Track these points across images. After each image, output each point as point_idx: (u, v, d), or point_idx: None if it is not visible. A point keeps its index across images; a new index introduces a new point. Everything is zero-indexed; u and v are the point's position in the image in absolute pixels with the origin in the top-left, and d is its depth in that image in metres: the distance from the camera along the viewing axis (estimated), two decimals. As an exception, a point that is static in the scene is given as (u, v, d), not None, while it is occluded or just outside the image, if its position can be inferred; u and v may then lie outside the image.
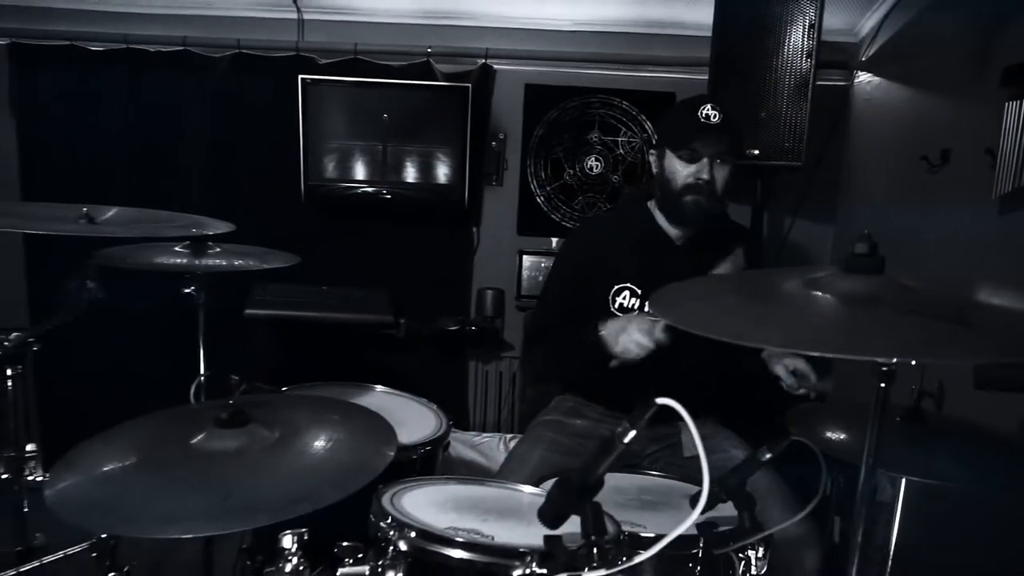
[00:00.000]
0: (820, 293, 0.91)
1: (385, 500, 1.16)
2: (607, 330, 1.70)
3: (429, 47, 3.00)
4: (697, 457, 1.86)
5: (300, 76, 2.85)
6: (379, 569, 1.03)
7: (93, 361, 2.91)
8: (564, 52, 3.07)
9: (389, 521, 1.06)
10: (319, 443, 1.35)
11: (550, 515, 0.96)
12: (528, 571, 0.95)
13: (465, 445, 2.92)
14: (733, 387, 1.97)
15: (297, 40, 3.03)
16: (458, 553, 1.00)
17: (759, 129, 2.62)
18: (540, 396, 2.53)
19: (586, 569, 0.93)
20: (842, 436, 1.41)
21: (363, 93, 2.90)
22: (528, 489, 1.34)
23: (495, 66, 3.07)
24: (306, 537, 1.09)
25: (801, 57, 2.59)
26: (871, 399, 0.89)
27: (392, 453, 1.32)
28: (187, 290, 1.91)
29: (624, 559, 1.03)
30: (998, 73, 1.92)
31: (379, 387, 2.12)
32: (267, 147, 3.06)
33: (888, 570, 1.42)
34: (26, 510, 1.68)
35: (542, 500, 0.97)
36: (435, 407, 2.01)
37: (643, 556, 0.94)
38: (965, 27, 2.25)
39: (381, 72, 2.99)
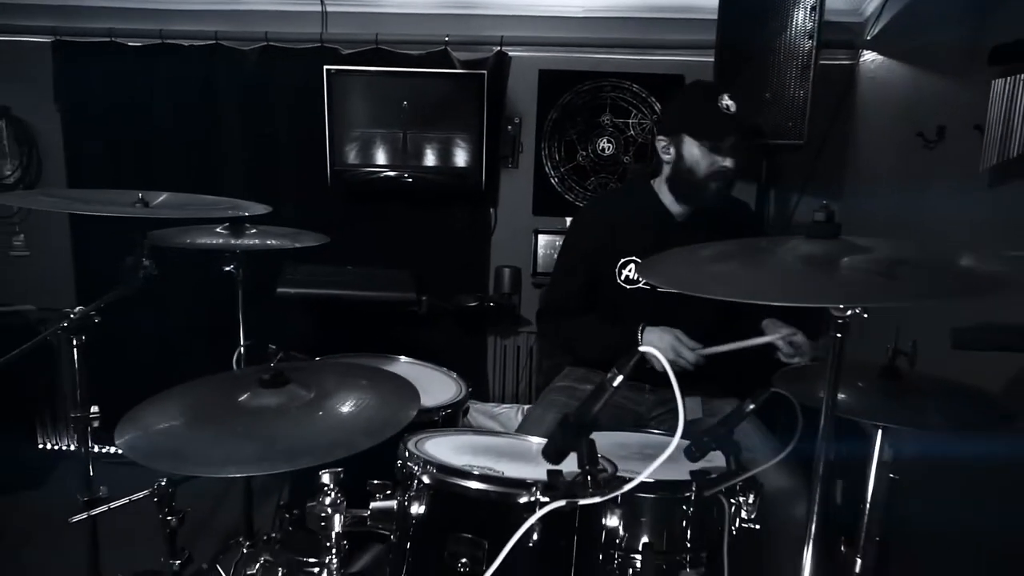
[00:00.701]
0: (786, 256, 1.04)
1: (410, 444, 1.32)
2: (649, 338, 1.86)
3: (447, 36, 3.13)
4: (699, 420, 2.01)
5: (325, 67, 2.99)
6: (406, 501, 1.20)
7: (143, 333, 3.12)
8: (576, 38, 3.18)
9: (414, 460, 1.22)
10: (350, 402, 1.52)
11: (552, 452, 1.12)
12: (533, 499, 1.11)
13: (484, 415, 3.09)
14: (734, 358, 2.10)
15: (321, 31, 3.18)
16: (474, 484, 1.15)
17: (764, 110, 2.72)
18: (554, 368, 2.69)
19: (582, 496, 1.08)
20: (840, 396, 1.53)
21: (384, 82, 3.04)
22: (536, 439, 1.49)
23: (510, 53, 3.19)
24: (342, 475, 1.25)
25: (804, 38, 2.68)
26: (830, 348, 1.03)
27: (415, 410, 1.49)
28: (227, 268, 2.09)
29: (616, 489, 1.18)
30: (987, 52, 2.01)
31: (403, 358, 2.28)
32: (295, 135, 3.22)
33: (866, 517, 1.55)
34: (91, 465, 1.88)
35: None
36: (455, 375, 2.16)
37: (630, 486, 1.09)
38: (960, 6, 2.33)
39: (401, 61, 3.13)
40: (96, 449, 1.89)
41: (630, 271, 2.01)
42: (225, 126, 3.25)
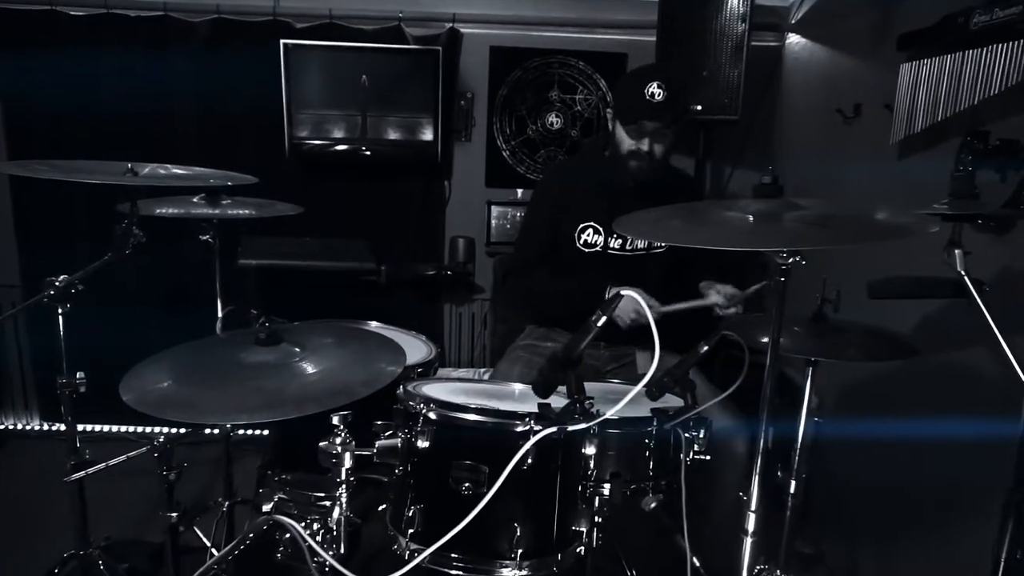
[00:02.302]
0: (736, 212, 1.24)
1: (410, 387, 1.47)
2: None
3: (400, 12, 3.21)
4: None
5: (282, 41, 3.03)
6: (412, 437, 1.35)
7: (123, 301, 3.10)
8: (525, 16, 3.31)
9: (416, 399, 1.37)
10: (343, 356, 1.66)
11: (541, 385, 1.29)
12: (527, 427, 1.27)
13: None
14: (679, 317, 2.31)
15: (274, 5, 3.20)
16: (473, 417, 1.31)
17: (702, 86, 2.93)
18: (508, 333, 2.85)
19: (571, 422, 1.26)
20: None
21: (341, 57, 3.11)
22: (518, 385, 1.66)
23: (462, 30, 3.28)
24: (350, 418, 1.38)
25: (737, 21, 2.90)
26: (775, 290, 1.23)
27: (404, 363, 1.63)
28: (204, 237, 2.16)
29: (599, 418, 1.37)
30: (895, 39, 2.27)
31: (374, 322, 2.40)
32: (251, 109, 3.24)
33: (800, 441, 1.79)
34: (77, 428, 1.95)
35: (530, 392, 1.28)
36: (423, 338, 2.29)
37: (615, 408, 1.27)
38: (873, -4, 2.59)
39: (355, 36, 3.20)
40: (62, 428, 1.94)
41: (588, 236, 2.19)
42: (178, 100, 3.25)
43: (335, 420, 1.37)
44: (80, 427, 1.99)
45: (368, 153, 3.19)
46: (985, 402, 1.91)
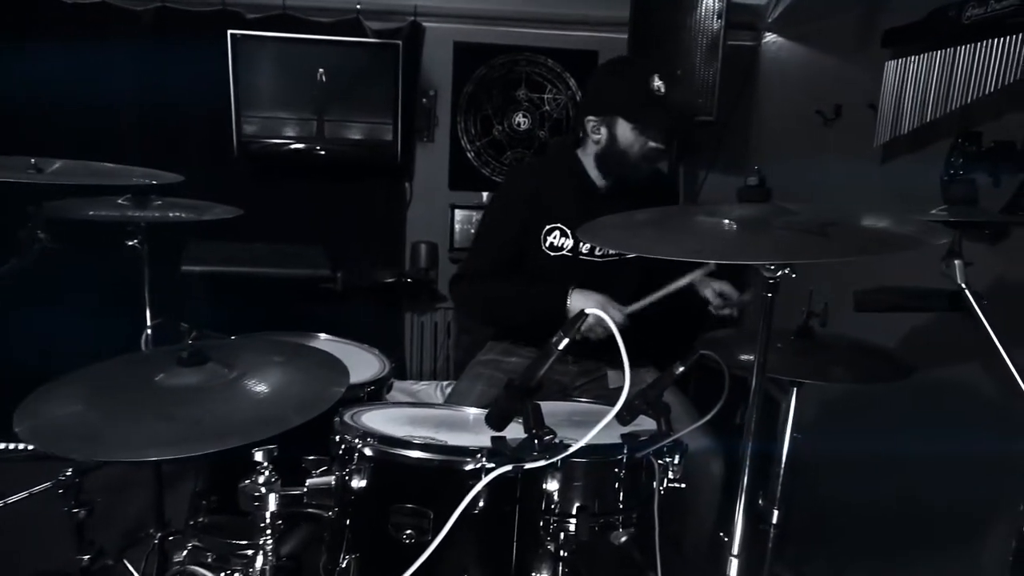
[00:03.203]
0: (718, 218, 1.08)
1: (347, 418, 1.29)
2: (576, 302, 1.82)
3: (358, 4, 3.03)
4: (622, 387, 2.07)
5: (230, 31, 2.84)
6: (345, 475, 1.17)
7: (38, 312, 2.87)
8: (491, 10, 3.16)
9: (353, 432, 1.19)
10: (277, 378, 1.47)
11: (496, 417, 1.12)
12: (478, 465, 1.10)
13: (404, 393, 3.05)
14: (658, 326, 2.16)
15: (223, -6, 3.01)
16: (416, 454, 1.14)
17: (676, 86, 2.78)
18: (474, 344, 2.68)
19: (529, 459, 1.09)
20: (751, 357, 1.60)
21: (294, 49, 2.93)
22: (472, 410, 1.49)
23: (424, 24, 3.13)
24: (275, 453, 1.20)
25: (712, 18, 2.77)
26: (762, 308, 1.08)
27: (346, 384, 1.45)
28: (131, 243, 1.95)
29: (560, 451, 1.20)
30: (880, 35, 2.15)
31: (323, 335, 2.21)
32: (198, 104, 3.03)
33: (782, 471, 1.65)
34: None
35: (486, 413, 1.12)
36: (377, 351, 2.11)
37: (578, 445, 1.10)
38: (855, -8, 2.48)
39: (310, 29, 3.01)
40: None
41: (555, 238, 2.02)
42: (119, 93, 3.02)
43: (258, 456, 1.18)
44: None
45: (323, 153, 3.01)
46: (980, 421, 1.79)
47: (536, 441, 1.08)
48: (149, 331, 2.01)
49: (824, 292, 1.59)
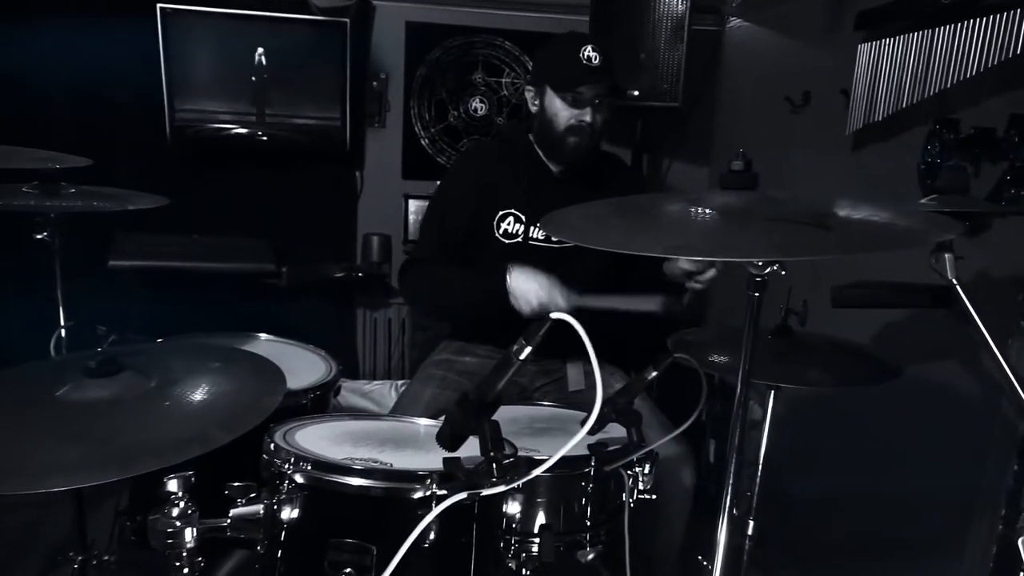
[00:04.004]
0: (699, 208, 0.95)
1: (278, 437, 1.13)
2: (516, 281, 1.69)
3: (302, -22, 2.83)
4: (582, 391, 1.93)
5: (159, 4, 2.61)
6: (274, 506, 1.01)
7: None
8: (445, -11, 3.00)
9: (282, 455, 1.04)
10: (202, 388, 1.30)
11: (449, 436, 0.97)
12: (428, 492, 0.96)
13: (355, 393, 2.90)
14: (620, 323, 2.05)
15: (150, -36, 2.77)
16: (356, 481, 0.99)
17: (639, 71, 2.68)
18: (429, 341, 2.54)
19: (486, 486, 0.95)
20: (724, 358, 1.50)
21: (232, 26, 2.72)
22: (424, 421, 1.34)
23: (374, 2, 2.95)
24: (193, 480, 1.04)
25: (677, 0, 2.66)
26: (746, 309, 0.95)
27: (282, 394, 1.29)
28: (39, 236, 1.74)
29: (521, 475, 1.06)
30: (853, 18, 2.06)
31: (263, 335, 2.05)
32: (126, 84, 2.79)
33: (759, 476, 1.55)
34: None
35: (435, 428, 0.98)
36: (323, 353, 1.97)
37: (541, 469, 0.97)
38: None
39: (248, 4, 2.80)
40: None
41: (508, 225, 1.89)
42: (38, 72, 2.75)
43: (171, 486, 1.02)
44: None
45: (265, 139, 2.81)
46: (962, 421, 1.71)
47: (494, 465, 0.93)
48: (63, 331, 1.82)
49: (801, 287, 1.49)
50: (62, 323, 1.80)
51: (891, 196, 1.95)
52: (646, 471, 1.41)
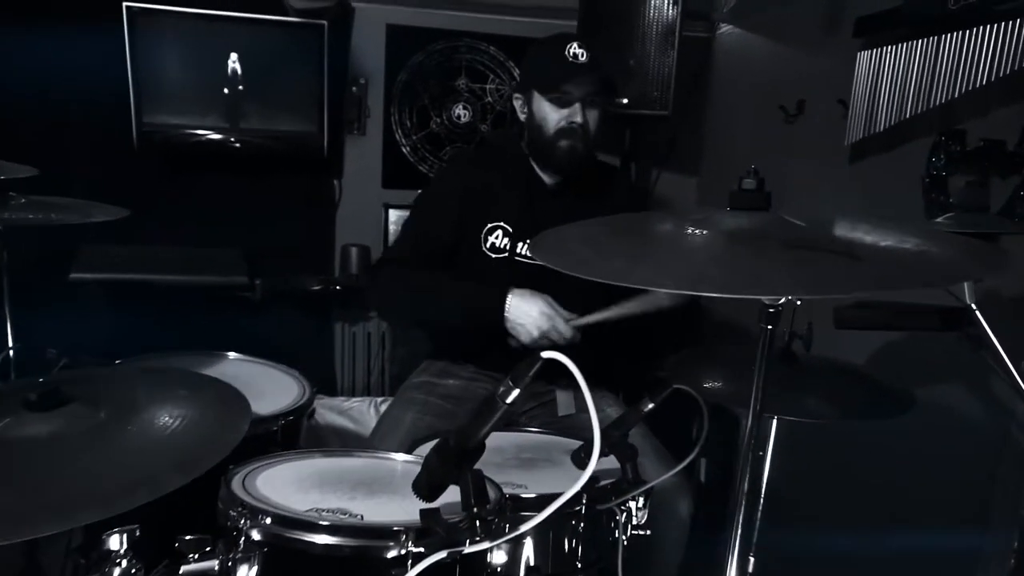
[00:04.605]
0: (705, 231, 0.85)
1: (235, 483, 1.01)
2: (516, 307, 1.63)
3: (277, -22, 2.73)
4: (572, 415, 1.83)
5: (125, 4, 2.49)
6: (229, 563, 0.89)
7: None
8: (428, -9, 2.91)
9: (239, 506, 0.92)
10: (157, 421, 1.18)
11: (426, 486, 0.87)
12: (404, 551, 0.85)
13: (333, 411, 2.78)
14: (608, 341, 1.95)
15: (117, -38, 2.64)
16: (322, 538, 0.87)
17: (628, 78, 2.59)
18: (410, 356, 2.43)
19: (468, 543, 0.84)
20: (718, 384, 1.41)
21: (203, 27, 2.60)
22: (401, 457, 1.23)
23: (353, 3, 2.85)
24: (138, 533, 0.92)
25: (668, 5, 2.58)
26: (759, 341, 0.85)
27: (245, 428, 1.18)
28: (-17, 251, 1.62)
29: (508, 527, 0.96)
30: (851, 24, 1.98)
31: (232, 354, 1.93)
32: (92, 89, 2.66)
33: (760, 509, 1.45)
34: None
35: (417, 467, 0.87)
36: (297, 373, 1.86)
37: (528, 525, 0.87)
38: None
39: (221, 5, 2.68)
40: None
41: (496, 239, 1.79)
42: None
43: (112, 543, 0.90)
44: None
45: (238, 146, 2.70)
46: (974, 449, 1.62)
47: (477, 522, 0.83)
48: (11, 352, 1.68)
49: (806, 308, 1.40)
50: (10, 344, 1.67)
51: (893, 210, 1.87)
52: (640, 504, 1.32)
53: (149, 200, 2.57)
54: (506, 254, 1.79)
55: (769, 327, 0.84)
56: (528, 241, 1.76)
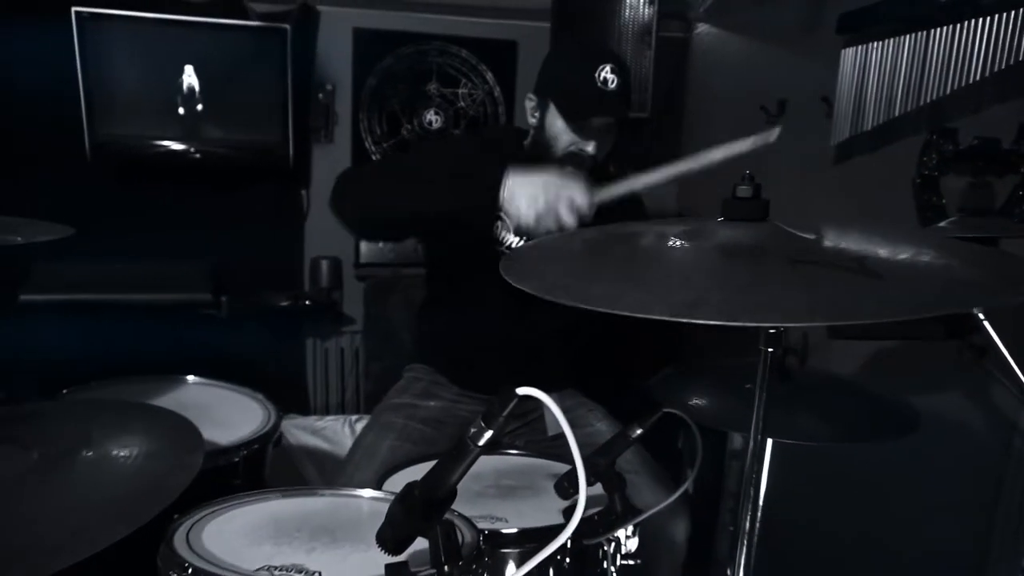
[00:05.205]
0: (691, 245, 0.76)
1: (178, 537, 0.90)
2: (514, 185, 1.34)
3: (237, -19, 2.62)
4: (561, 435, 1.72)
5: (74, 8, 2.37)
6: (168, 633, 0.79)
7: None
8: (396, -7, 2.83)
9: (179, 566, 0.81)
10: (97, 462, 1.07)
11: (391, 540, 0.76)
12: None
13: (306, 431, 2.66)
14: (593, 348, 1.86)
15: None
16: (270, 605, 0.77)
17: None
18: (386, 373, 2.32)
19: (439, 604, 0.74)
20: (703, 402, 1.35)
21: (160, 32, 2.49)
22: (368, 493, 1.13)
23: (318, 7, 2.77)
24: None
25: (644, 4, 2.51)
26: (758, 366, 0.76)
27: (197, 466, 1.07)
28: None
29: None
30: (834, 20, 1.92)
31: (191, 378, 1.82)
32: (42, 97, 2.53)
33: (757, 530, 1.36)
34: None
35: (386, 504, 0.77)
36: (262, 397, 1.75)
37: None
38: (799, -25, 2.25)
39: (179, 8, 2.57)
40: None
41: (497, 230, 1.64)
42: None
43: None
44: None
45: (199, 156, 2.59)
46: (976, 460, 1.55)
47: (449, 582, 0.73)
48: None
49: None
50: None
51: (882, 212, 1.80)
52: (629, 533, 1.22)
53: (106, 214, 2.47)
54: (503, 248, 1.66)
55: (771, 350, 0.75)
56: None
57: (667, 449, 1.28)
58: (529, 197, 1.32)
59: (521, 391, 0.69)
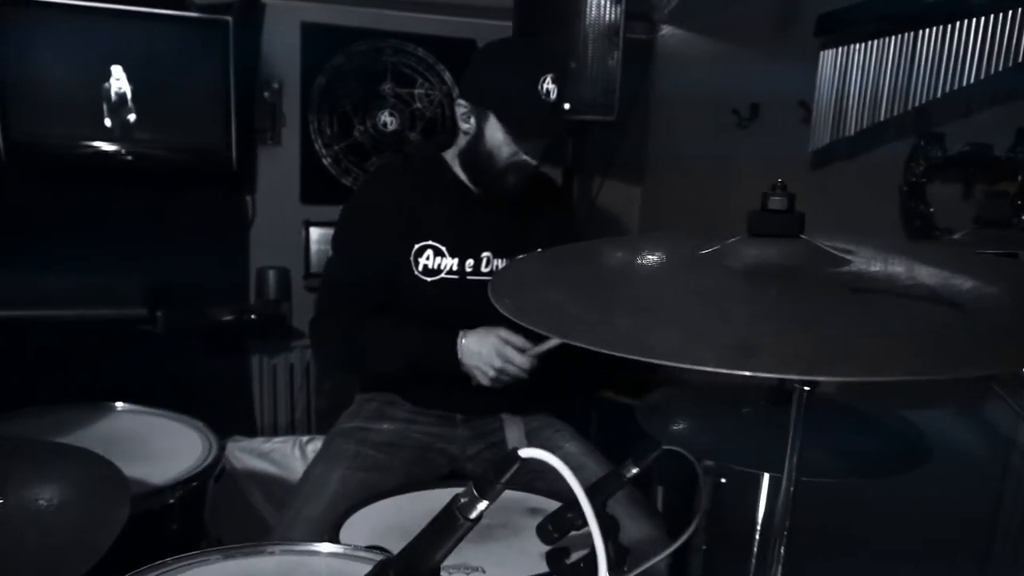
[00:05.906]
0: (726, 267, 0.64)
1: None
2: (469, 349, 1.51)
3: (174, -31, 2.43)
4: (533, 459, 1.59)
5: (-16, -5, 2.14)
6: None
7: None
8: (347, -14, 2.68)
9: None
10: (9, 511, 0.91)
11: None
12: None
13: (253, 455, 2.48)
14: (556, 367, 1.77)
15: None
16: None
17: (569, 82, 2.41)
18: (338, 390, 2.18)
19: None
20: (682, 425, 1.29)
21: (85, 22, 2.28)
22: (326, 548, 0.98)
23: (263, -1, 2.60)
24: None
25: (609, 4, 2.42)
26: (792, 407, 0.65)
27: (121, 519, 0.91)
28: None
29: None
30: (811, 22, 1.85)
31: (120, 405, 1.65)
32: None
33: (752, 567, 1.27)
34: None
35: (346, 563, 0.63)
36: (201, 424, 1.61)
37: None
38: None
39: (109, -2, 2.37)
40: None
41: (428, 259, 1.61)
42: None
43: None
44: None
45: (131, 158, 2.39)
46: (976, 471, 1.48)
47: None
48: None
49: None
50: None
51: (864, 222, 1.74)
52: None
53: (24, 223, 2.27)
54: (443, 275, 1.62)
55: (807, 388, 0.63)
56: (466, 258, 1.64)
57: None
58: (480, 371, 1.51)
59: (524, 453, 0.56)
